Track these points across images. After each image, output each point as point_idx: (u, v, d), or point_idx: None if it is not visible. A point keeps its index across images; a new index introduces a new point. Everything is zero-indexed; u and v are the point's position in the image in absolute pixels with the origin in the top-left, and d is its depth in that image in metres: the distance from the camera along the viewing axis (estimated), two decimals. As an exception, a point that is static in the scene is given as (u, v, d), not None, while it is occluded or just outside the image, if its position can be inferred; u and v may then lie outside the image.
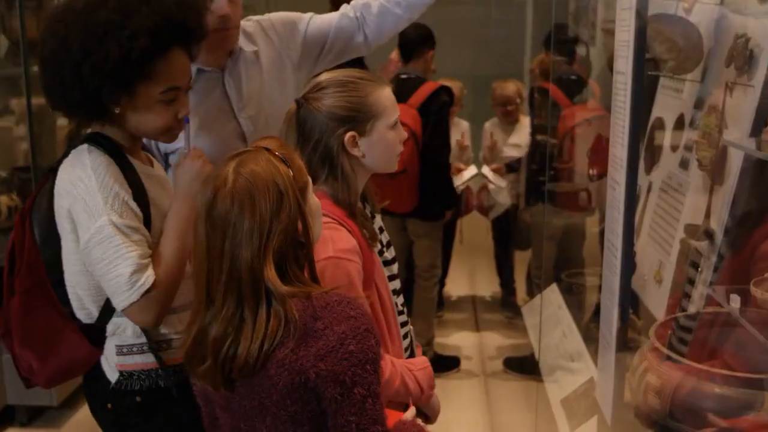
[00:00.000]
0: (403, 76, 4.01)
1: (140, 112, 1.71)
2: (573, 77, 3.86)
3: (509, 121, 4.80)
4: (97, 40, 1.62)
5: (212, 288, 1.39)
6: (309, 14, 2.31)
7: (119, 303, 1.65)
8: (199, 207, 1.41)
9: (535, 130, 4.34)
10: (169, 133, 1.78)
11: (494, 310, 5.11)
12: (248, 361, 1.35)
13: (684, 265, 1.99)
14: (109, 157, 1.69)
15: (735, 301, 1.49)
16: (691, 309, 1.84)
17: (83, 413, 1.86)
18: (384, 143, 1.77)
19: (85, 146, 1.71)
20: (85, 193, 1.64)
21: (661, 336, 1.71)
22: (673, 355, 1.47)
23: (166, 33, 1.68)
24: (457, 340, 4.67)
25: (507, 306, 4.98)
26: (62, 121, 4.47)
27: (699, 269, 1.88)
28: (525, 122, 4.74)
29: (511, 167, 4.61)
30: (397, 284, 1.92)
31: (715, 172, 1.87)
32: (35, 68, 3.89)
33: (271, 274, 1.35)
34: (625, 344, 1.83)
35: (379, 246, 1.87)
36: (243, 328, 1.37)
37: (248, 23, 2.24)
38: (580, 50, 3.88)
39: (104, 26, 1.62)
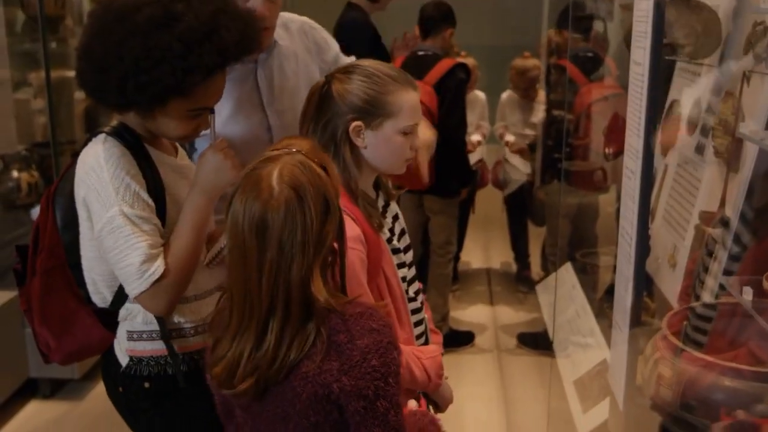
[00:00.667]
0: (421, 53, 4.00)
1: (167, 118, 1.72)
2: (589, 54, 3.84)
3: (529, 98, 4.79)
4: (153, 62, 1.59)
5: (262, 304, 1.37)
6: (337, 47, 2.36)
7: (130, 291, 1.68)
8: (242, 221, 1.36)
9: (550, 106, 4.33)
10: (184, 140, 1.82)
11: (509, 284, 5.14)
12: (280, 372, 1.37)
13: (698, 252, 2.00)
14: (124, 148, 1.71)
15: (747, 293, 1.51)
16: (705, 297, 1.85)
17: (104, 386, 1.92)
18: (389, 145, 1.77)
19: (102, 136, 1.73)
20: (97, 183, 1.67)
21: (673, 324, 1.72)
22: (687, 348, 1.49)
23: (220, 68, 1.68)
24: (472, 314, 4.71)
25: (522, 280, 5.01)
26: (80, 95, 4.51)
27: (713, 257, 1.89)
28: (543, 98, 4.74)
29: (534, 148, 4.62)
30: (408, 273, 1.93)
31: (731, 159, 1.88)
32: (54, 45, 3.94)
33: (317, 286, 1.35)
34: (638, 327, 1.85)
35: (389, 234, 1.88)
36: (286, 341, 1.37)
37: (290, 18, 2.25)
38: (597, 26, 3.86)
39: (164, 51, 1.59)
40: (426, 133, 1.50)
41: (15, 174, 3.68)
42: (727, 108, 1.96)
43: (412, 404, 1.69)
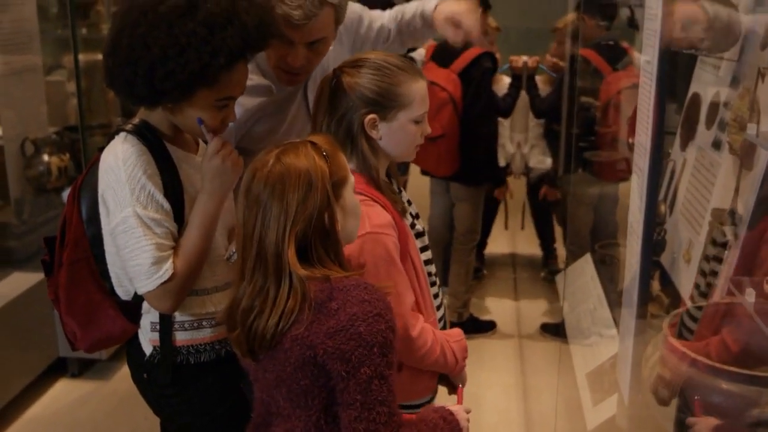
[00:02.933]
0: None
1: (193, 110, 1.75)
2: (611, 43, 3.80)
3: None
4: (179, 48, 1.64)
5: (245, 262, 1.49)
6: (366, 12, 2.36)
7: (138, 289, 1.75)
8: (241, 185, 1.50)
9: (573, 92, 4.27)
10: (212, 133, 1.83)
11: (534, 272, 5.13)
12: (265, 335, 1.45)
13: (710, 248, 1.99)
14: (144, 148, 1.75)
15: (750, 294, 1.51)
16: (716, 294, 1.85)
17: (129, 370, 2.01)
18: (402, 134, 1.81)
19: (123, 134, 1.77)
20: (115, 182, 1.71)
21: (675, 325, 1.73)
22: (686, 350, 1.50)
23: (242, 53, 1.72)
24: (495, 301, 4.71)
25: (547, 268, 5.00)
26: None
27: (725, 254, 1.89)
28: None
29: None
30: (428, 255, 1.96)
31: (744, 157, 1.87)
32: (84, 30, 4.00)
33: (291, 256, 1.43)
34: (646, 322, 1.85)
35: (411, 219, 1.91)
36: (266, 302, 1.46)
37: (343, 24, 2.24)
38: (624, 13, 3.81)
39: (188, 36, 1.64)
40: None
41: (45, 158, 3.73)
42: (742, 104, 1.94)
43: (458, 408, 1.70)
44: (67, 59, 4.33)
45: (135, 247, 1.70)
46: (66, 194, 3.89)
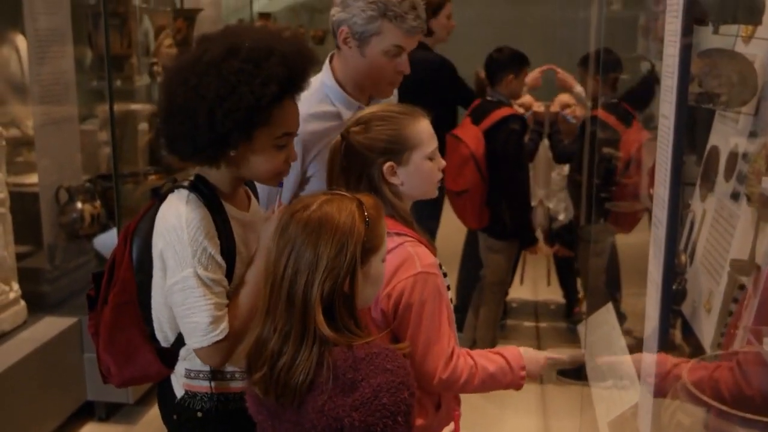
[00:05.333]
0: (489, 98, 4.14)
1: (255, 155, 1.81)
2: (614, 101, 3.88)
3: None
4: (231, 87, 1.72)
5: (272, 301, 1.52)
6: None
7: (191, 344, 1.81)
8: (279, 223, 1.55)
9: (593, 145, 4.34)
10: (277, 177, 1.89)
11: (557, 320, 5.13)
12: (287, 387, 1.48)
13: (730, 299, 2.03)
14: (205, 210, 1.80)
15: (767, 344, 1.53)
16: (736, 344, 1.87)
17: (156, 410, 2.04)
18: (420, 172, 1.90)
19: (185, 193, 1.82)
20: (176, 242, 1.77)
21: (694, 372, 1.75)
22: (704, 397, 1.52)
23: (289, 81, 1.79)
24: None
25: (570, 316, 5.00)
26: (143, 126, 4.70)
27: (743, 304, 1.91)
28: None
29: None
30: (450, 294, 2.02)
31: (762, 208, 1.91)
32: (119, 82, 4.13)
33: (320, 318, 1.46)
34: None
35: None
36: (291, 351, 1.49)
37: None
38: (644, 66, 3.89)
39: (237, 75, 1.72)
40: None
41: (79, 205, 3.84)
42: (760, 157, 1.99)
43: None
44: (100, 109, 4.46)
45: (194, 305, 1.76)
46: (97, 241, 3.98)
